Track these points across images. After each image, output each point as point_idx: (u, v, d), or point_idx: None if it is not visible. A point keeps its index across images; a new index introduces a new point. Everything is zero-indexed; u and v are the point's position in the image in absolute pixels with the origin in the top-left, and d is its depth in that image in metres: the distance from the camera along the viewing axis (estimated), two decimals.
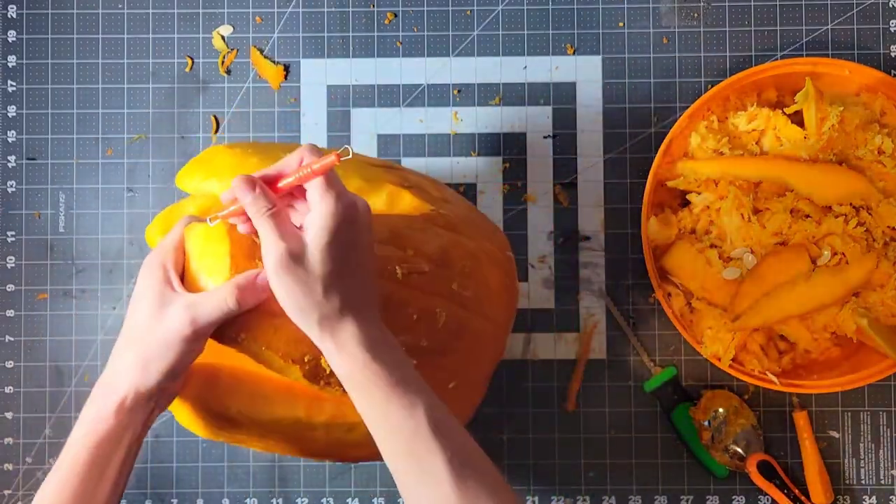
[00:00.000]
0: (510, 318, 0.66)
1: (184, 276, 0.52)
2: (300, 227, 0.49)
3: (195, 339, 0.50)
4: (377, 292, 0.52)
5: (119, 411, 0.51)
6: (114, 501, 0.53)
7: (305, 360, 0.52)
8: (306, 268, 0.48)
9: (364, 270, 0.51)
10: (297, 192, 0.50)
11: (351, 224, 0.49)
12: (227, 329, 0.50)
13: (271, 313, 0.50)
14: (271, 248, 0.48)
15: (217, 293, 0.49)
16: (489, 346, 0.63)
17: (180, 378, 0.53)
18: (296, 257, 0.48)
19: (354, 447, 0.58)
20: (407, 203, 0.60)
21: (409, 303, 0.55)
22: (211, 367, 0.56)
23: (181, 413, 0.57)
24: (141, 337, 0.50)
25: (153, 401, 0.52)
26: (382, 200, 0.59)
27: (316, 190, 0.48)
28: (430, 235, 0.58)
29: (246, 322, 0.50)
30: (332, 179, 0.48)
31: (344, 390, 0.53)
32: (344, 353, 0.49)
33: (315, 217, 0.48)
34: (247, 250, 0.52)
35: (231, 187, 0.49)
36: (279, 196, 0.49)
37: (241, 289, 0.49)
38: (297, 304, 0.49)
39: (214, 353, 0.54)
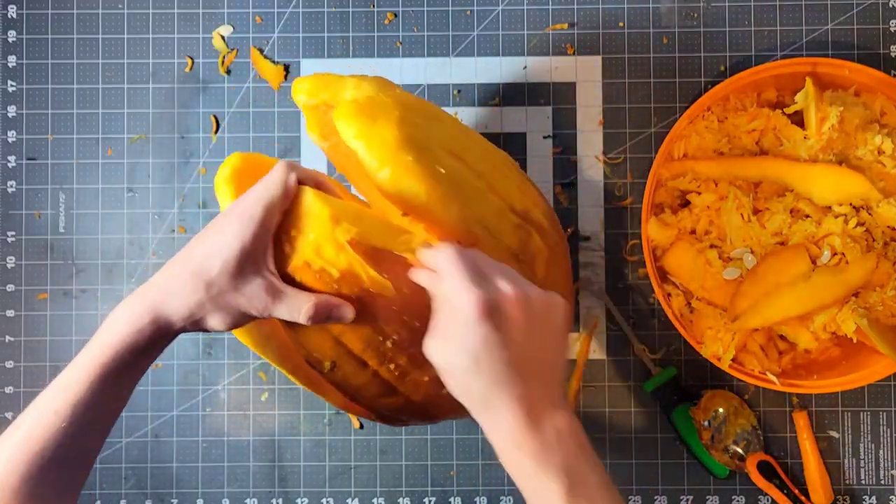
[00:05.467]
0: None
1: (278, 232, 0.52)
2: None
3: (258, 318, 0.52)
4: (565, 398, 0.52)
5: (158, 332, 0.51)
6: (118, 413, 0.54)
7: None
8: (505, 328, 0.48)
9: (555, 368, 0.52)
10: None
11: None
12: None
13: None
14: (471, 291, 0.48)
15: (297, 301, 0.50)
16: None
17: None
18: (497, 310, 0.48)
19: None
20: None
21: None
22: None
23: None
24: (210, 284, 0.50)
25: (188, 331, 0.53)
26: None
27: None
28: (520, 232, 0.58)
29: None
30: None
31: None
32: (551, 441, 0.48)
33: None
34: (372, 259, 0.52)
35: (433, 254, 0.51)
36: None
37: (318, 310, 0.50)
38: (494, 365, 0.48)
39: None
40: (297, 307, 0.50)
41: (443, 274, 0.49)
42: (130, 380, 0.53)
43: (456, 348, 0.48)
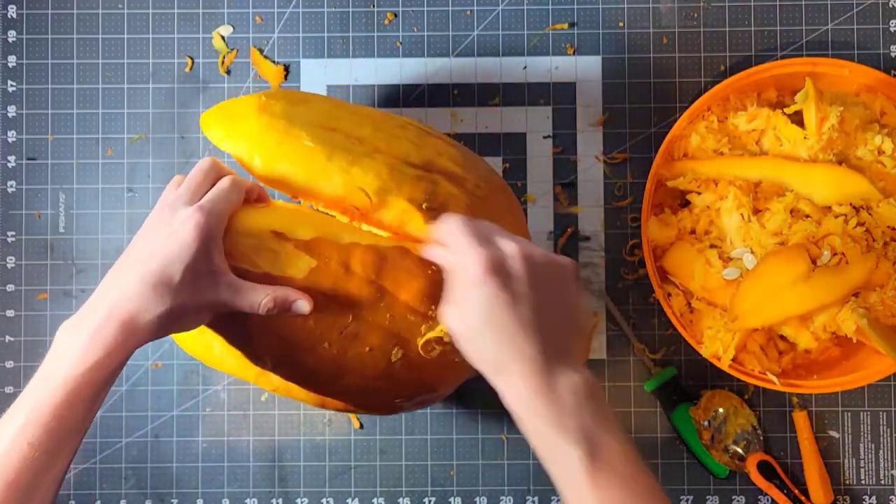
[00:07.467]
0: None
1: (226, 235, 0.54)
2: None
3: (218, 313, 0.53)
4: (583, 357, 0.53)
5: (129, 351, 0.51)
6: (84, 435, 0.53)
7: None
8: (512, 285, 0.48)
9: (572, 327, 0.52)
10: None
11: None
12: None
13: None
14: (475, 250, 0.48)
15: (257, 294, 0.52)
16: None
17: None
18: (503, 268, 0.49)
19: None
20: (414, 227, 0.56)
21: (365, 338, 0.55)
22: None
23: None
24: (176, 293, 0.50)
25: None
26: (392, 216, 0.56)
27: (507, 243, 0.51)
28: (415, 275, 0.55)
29: None
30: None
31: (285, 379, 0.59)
32: (556, 400, 0.47)
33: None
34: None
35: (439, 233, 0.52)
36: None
37: (276, 303, 0.52)
38: (504, 323, 0.48)
39: None
40: (256, 303, 0.52)
41: (449, 242, 0.51)
42: (101, 400, 0.53)
43: (466, 310, 0.49)
